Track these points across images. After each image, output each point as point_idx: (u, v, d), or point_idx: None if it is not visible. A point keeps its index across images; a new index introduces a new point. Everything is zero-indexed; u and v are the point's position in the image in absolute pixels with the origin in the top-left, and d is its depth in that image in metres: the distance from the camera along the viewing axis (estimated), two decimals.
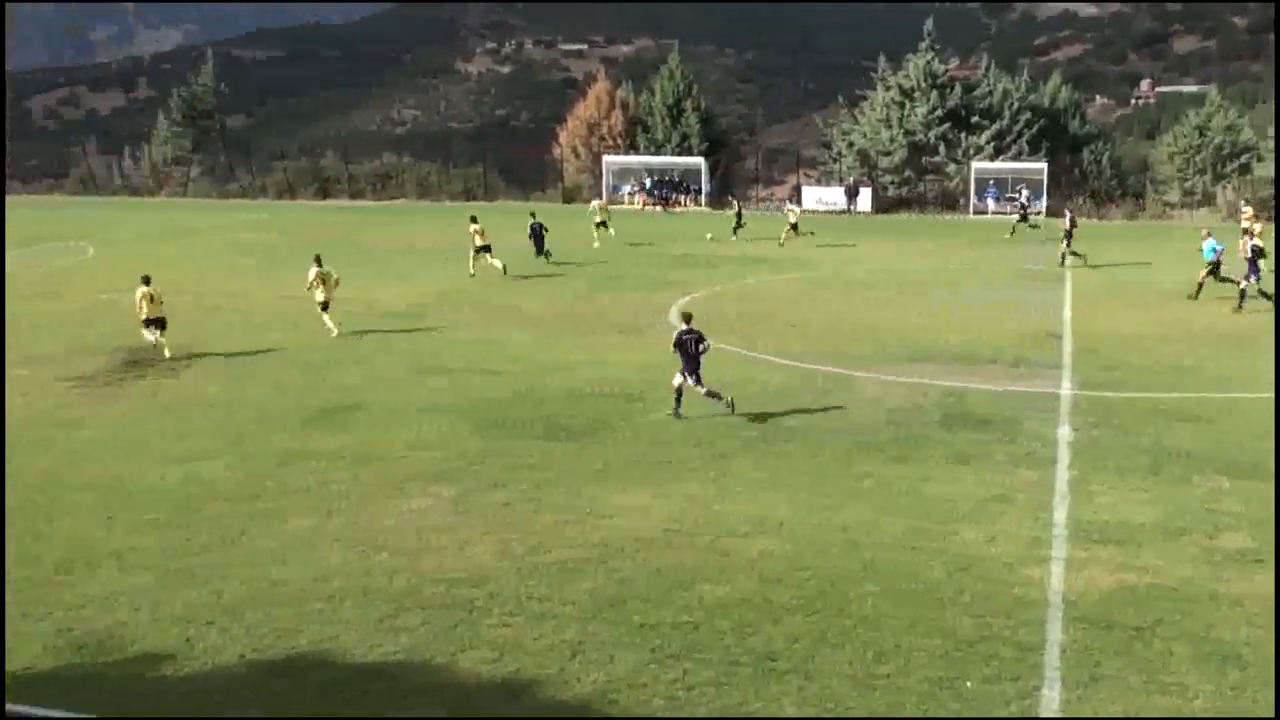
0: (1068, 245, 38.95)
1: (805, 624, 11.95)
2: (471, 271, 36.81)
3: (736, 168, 71.47)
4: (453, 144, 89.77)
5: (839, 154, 66.82)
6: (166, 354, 25.31)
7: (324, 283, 27.59)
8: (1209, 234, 33.61)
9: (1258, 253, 30.88)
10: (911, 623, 11.95)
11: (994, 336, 27.01)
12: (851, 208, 60.66)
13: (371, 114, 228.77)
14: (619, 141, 68.86)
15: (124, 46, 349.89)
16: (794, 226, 45.25)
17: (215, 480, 16.95)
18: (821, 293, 33.86)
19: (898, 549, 13.98)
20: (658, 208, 60.61)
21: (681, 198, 64.00)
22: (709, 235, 47.21)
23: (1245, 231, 33.66)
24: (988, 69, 70.75)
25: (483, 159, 73.84)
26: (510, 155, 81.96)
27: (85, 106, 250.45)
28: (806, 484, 16.50)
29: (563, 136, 71.74)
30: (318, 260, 28.03)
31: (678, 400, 20.16)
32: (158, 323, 25.97)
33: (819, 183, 66.26)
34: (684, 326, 20.25)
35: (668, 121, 68.46)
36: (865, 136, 65.43)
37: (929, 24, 66.34)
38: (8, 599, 12.79)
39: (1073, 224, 39.94)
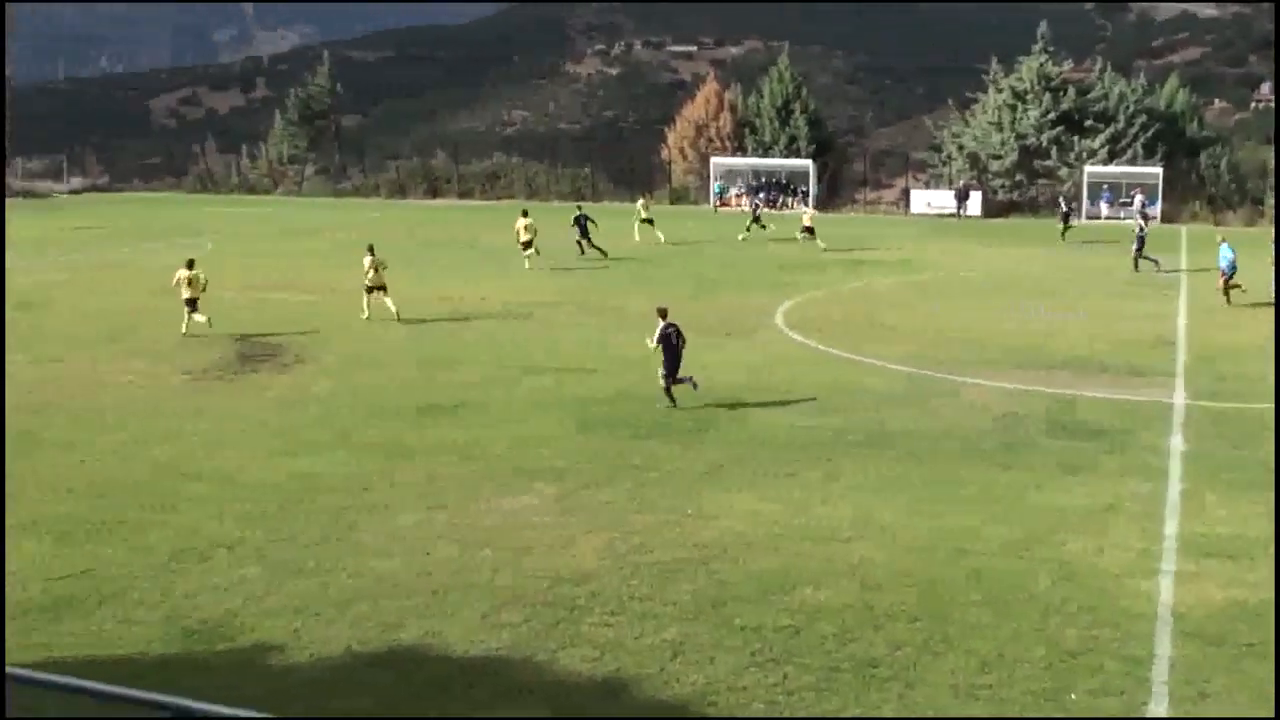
0: (1139, 251, 38.20)
1: (907, 631, 11.86)
2: (527, 266, 37.96)
3: (844, 170, 71.00)
4: (560, 145, 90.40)
5: (949, 157, 66.06)
6: (210, 325, 27.51)
7: (376, 270, 29.73)
8: (1223, 239, 33.52)
9: None
10: (1015, 633, 11.81)
11: (1105, 343, 26.55)
12: (961, 211, 59.96)
13: (481, 114, 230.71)
14: (727, 143, 68.76)
15: (243, 48, 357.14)
16: (809, 230, 44.58)
17: (324, 474, 17.26)
18: (929, 297, 33.54)
19: (1003, 557, 13.82)
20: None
21: (789, 200, 63.75)
22: (741, 237, 47.21)
23: None
24: (1102, 71, 69.48)
25: (590, 160, 74.17)
26: (617, 156, 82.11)
27: (205, 106, 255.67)
28: (911, 490, 16.37)
29: (670, 138, 71.80)
30: (371, 250, 30.18)
31: (669, 392, 20.94)
32: (192, 304, 28.11)
33: (928, 186, 65.58)
34: (663, 322, 21.14)
35: (776, 123, 68.21)
36: (976, 139, 64.62)
37: (1043, 26, 65.32)
38: (124, 586, 13.17)
39: (1144, 228, 39.23)
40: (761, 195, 59.41)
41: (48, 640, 11.84)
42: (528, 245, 38.46)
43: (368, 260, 29.96)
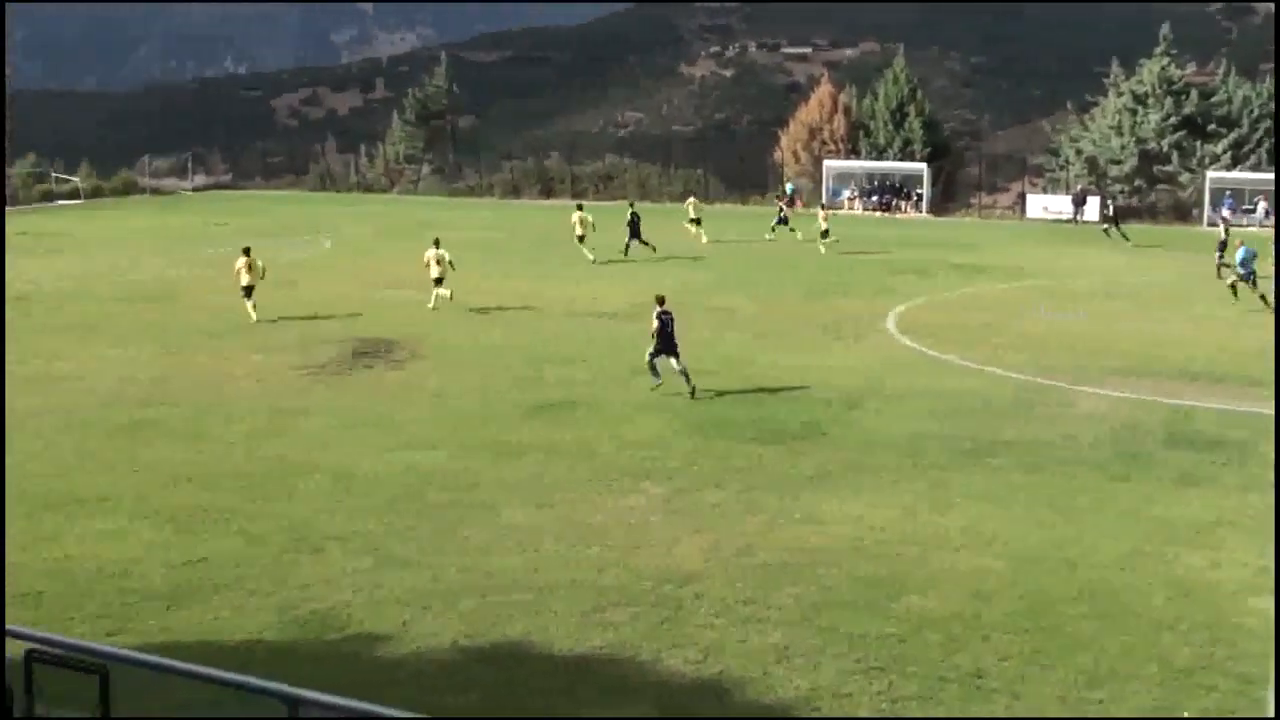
0: (1221, 257, 37.28)
1: (1015, 643, 11.71)
2: (590, 258, 39.52)
3: (959, 174, 70.14)
4: (673, 146, 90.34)
5: (1066, 161, 64.96)
6: (254, 318, 29.12)
7: (438, 263, 30.91)
8: (1241, 242, 32.81)
9: None
10: (1127, 648, 11.60)
11: (1226, 353, 25.94)
12: (1078, 217, 58.86)
13: (595, 116, 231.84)
14: (840, 146, 68.34)
15: (363, 49, 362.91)
16: (824, 233, 43.79)
17: (435, 470, 17.50)
18: (1044, 303, 32.99)
19: (1115, 570, 13.58)
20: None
21: (902, 204, 63.18)
22: (767, 236, 47.12)
23: None
24: (1226, 75, 67.76)
25: (703, 161, 74.13)
26: (730, 158, 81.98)
27: (326, 106, 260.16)
28: (1022, 499, 16.15)
29: (784, 140, 71.52)
30: (436, 243, 31.43)
31: (654, 372, 22.04)
32: (248, 291, 29.85)
33: (1045, 190, 64.53)
34: (660, 308, 22.11)
35: (890, 126, 67.60)
36: (1094, 144, 63.47)
37: (1165, 28, 63.92)
38: (239, 576, 13.49)
39: (1226, 234, 38.25)
40: (789, 193, 59.11)
41: (166, 626, 12.18)
42: (583, 239, 40.30)
43: (431, 254, 31.13)
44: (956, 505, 15.88)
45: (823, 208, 48.74)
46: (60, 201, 67.35)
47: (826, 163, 65.95)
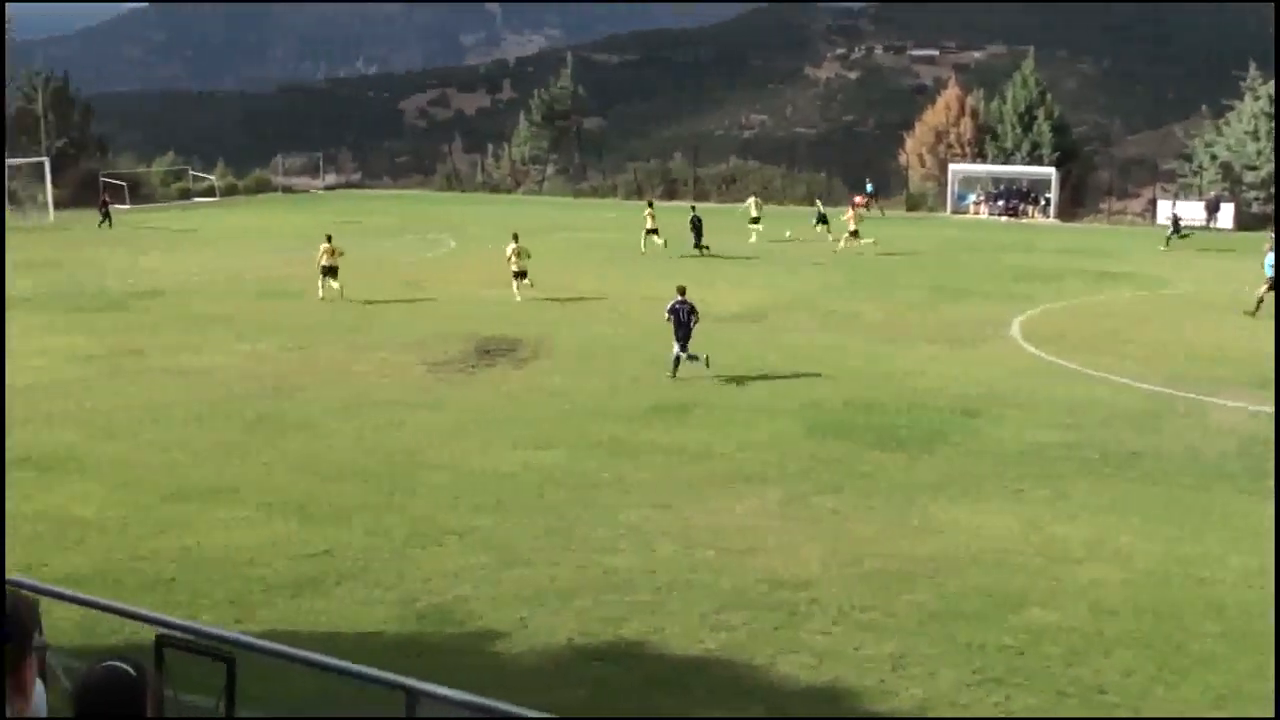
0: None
1: (1139, 659, 11.47)
2: (643, 250, 42.64)
3: (1089, 179, 68.83)
4: (797, 149, 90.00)
5: (1200, 167, 63.38)
6: (321, 295, 32.22)
7: (517, 257, 32.74)
8: (1270, 247, 32.00)
9: None
10: (1256, 668, 11.28)
11: None
12: (1211, 224, 57.41)
13: (720, 118, 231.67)
14: (966, 149, 67.51)
15: (491, 51, 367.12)
16: (854, 233, 43.81)
17: (554, 468, 17.65)
18: (1175, 312, 32.25)
19: (1245, 588, 13.22)
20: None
21: (1029, 208, 62.19)
22: (788, 233, 47.87)
23: None
24: None
25: (826, 164, 73.74)
26: (855, 161, 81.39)
27: (453, 107, 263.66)
28: (1149, 512, 15.80)
29: (909, 143, 70.87)
30: (515, 238, 33.17)
31: (676, 364, 23.38)
32: (331, 271, 32.72)
33: (1177, 196, 63.01)
34: (678, 297, 23.89)
35: (1018, 130, 66.58)
36: (1229, 149, 61.83)
37: None
38: (361, 567, 13.75)
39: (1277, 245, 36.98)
40: (819, 199, 59.05)
41: (290, 615, 12.46)
42: (652, 231, 43.23)
43: (510, 248, 32.94)
44: (1080, 516, 15.59)
45: (852, 206, 48.73)
46: (196, 199, 69.22)
47: (952, 166, 65.19)
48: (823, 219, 47.64)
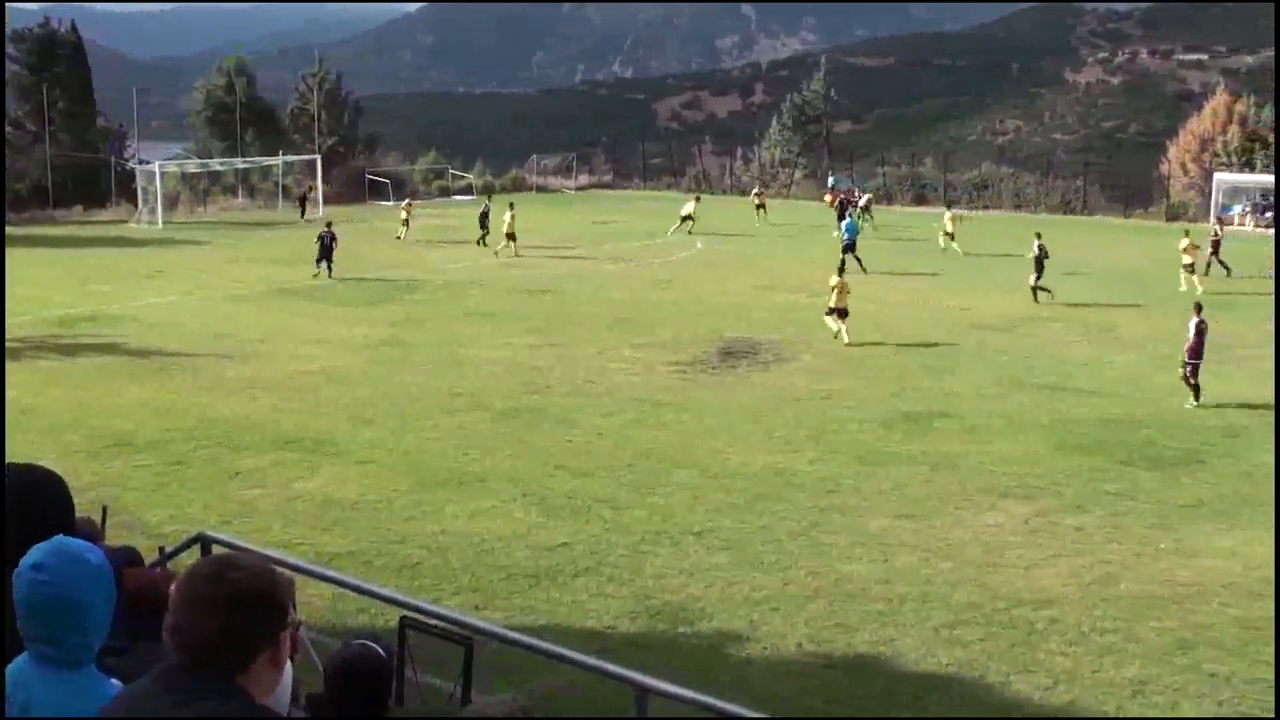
0: None
1: None
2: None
3: None
4: (1054, 156, 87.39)
5: None
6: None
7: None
8: None
9: None
10: None
11: None
12: None
13: (974, 122, 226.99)
14: (1233, 158, 64.32)
15: (745, 54, 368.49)
16: (950, 235, 43.81)
17: (795, 471, 17.63)
18: None
19: None
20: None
21: None
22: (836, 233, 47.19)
23: None
24: None
25: (1084, 172, 71.27)
26: (1114, 169, 78.49)
27: (705, 110, 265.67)
28: None
29: (1172, 151, 67.99)
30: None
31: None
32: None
33: None
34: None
35: None
36: None
37: None
38: (598, 562, 14.02)
39: None
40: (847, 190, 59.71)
41: (529, 604, 12.81)
42: (686, 219, 47.37)
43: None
44: None
45: (948, 207, 50.56)
46: (455, 196, 71.52)
47: (1217, 176, 62.07)
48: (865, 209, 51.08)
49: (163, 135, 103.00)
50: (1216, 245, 40.19)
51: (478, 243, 44.78)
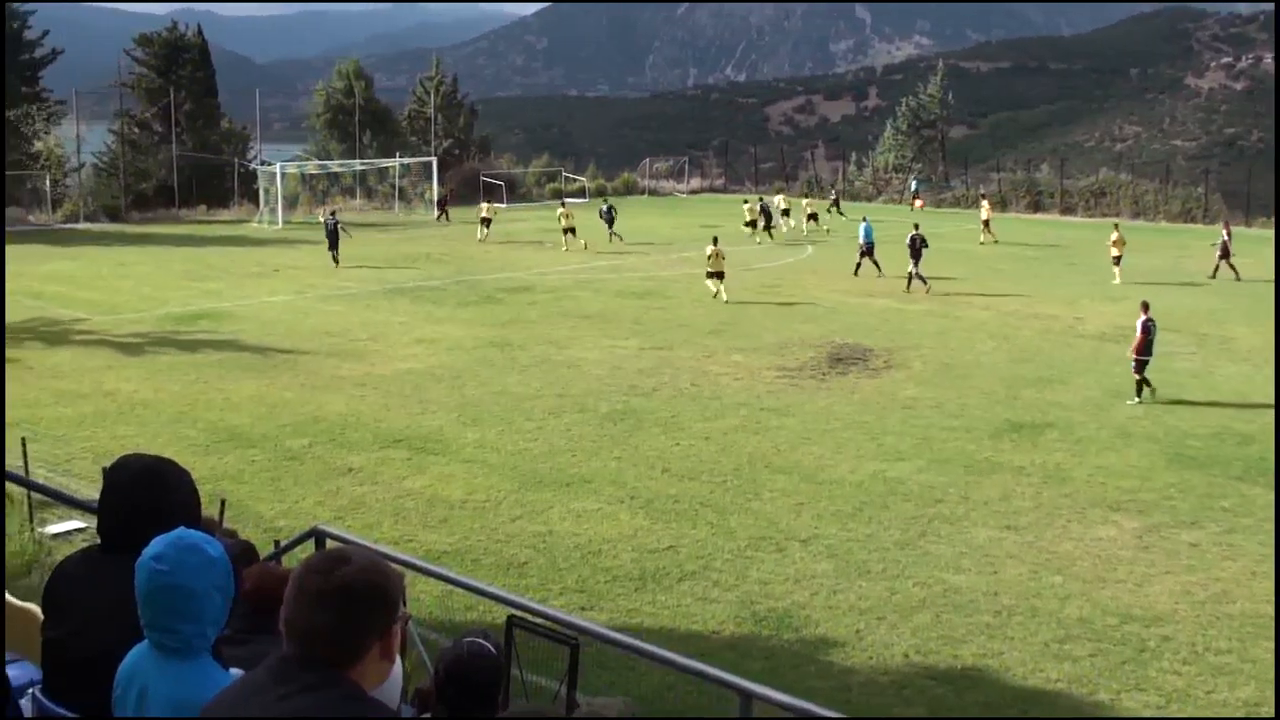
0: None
1: None
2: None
3: None
4: (1173, 163, 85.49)
5: None
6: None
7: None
8: None
9: None
10: None
11: None
12: None
13: (1091, 128, 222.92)
14: None
15: (859, 58, 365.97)
16: (986, 224, 44.89)
17: (902, 480, 17.51)
18: None
19: None
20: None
21: None
22: (825, 228, 51.14)
23: None
24: None
25: (1204, 180, 69.70)
26: (1236, 176, 76.61)
27: (818, 114, 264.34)
28: None
29: None
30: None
31: None
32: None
33: None
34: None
35: None
36: None
37: None
38: (703, 566, 14.05)
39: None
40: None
41: (634, 606, 12.89)
42: (752, 225, 49.42)
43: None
44: None
45: (983, 196, 52.16)
46: (568, 199, 72.00)
47: None
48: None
49: (282, 137, 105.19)
50: (1225, 250, 39.91)
51: (609, 240, 47.68)
